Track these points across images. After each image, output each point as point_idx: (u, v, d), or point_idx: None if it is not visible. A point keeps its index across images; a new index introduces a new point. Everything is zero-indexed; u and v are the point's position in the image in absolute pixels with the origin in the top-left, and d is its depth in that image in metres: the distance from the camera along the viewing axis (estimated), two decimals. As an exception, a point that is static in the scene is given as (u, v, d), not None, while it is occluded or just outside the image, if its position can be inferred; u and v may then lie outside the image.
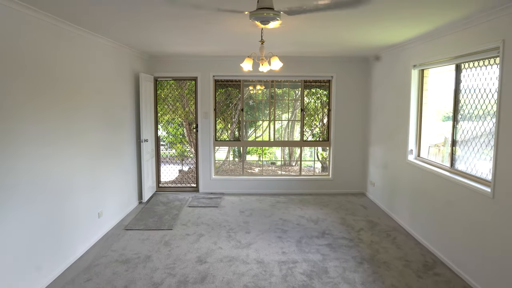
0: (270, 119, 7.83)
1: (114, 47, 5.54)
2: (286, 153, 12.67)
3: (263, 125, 11.75)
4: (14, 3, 3.20)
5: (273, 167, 11.80)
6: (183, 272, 4.10)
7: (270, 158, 12.83)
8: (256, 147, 12.82)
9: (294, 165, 11.96)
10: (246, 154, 12.92)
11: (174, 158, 11.89)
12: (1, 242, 3.16)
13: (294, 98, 8.89)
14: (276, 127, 12.05)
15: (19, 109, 3.37)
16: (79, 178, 4.51)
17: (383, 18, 3.81)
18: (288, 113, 10.71)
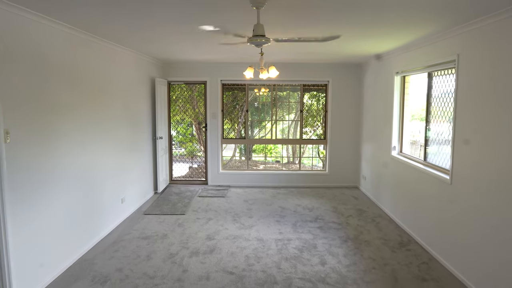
0: (272, 119, 8.60)
1: (134, 56, 6.37)
2: (290, 153, 13.43)
3: (267, 125, 12.51)
4: (53, 23, 4.03)
5: (277, 165, 12.57)
6: (195, 246, 4.90)
7: (276, 157, 13.57)
8: (261, 147, 13.59)
9: (296, 163, 12.75)
10: (252, 152, 13.73)
11: (184, 156, 12.70)
12: (50, 219, 3.98)
13: (297, 100, 9.65)
14: (282, 127, 12.84)
15: (61, 112, 4.19)
16: (106, 169, 5.33)
17: (355, 40, 4.57)
18: (291, 114, 11.49)
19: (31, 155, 3.60)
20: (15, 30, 3.36)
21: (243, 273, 4.17)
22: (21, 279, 3.47)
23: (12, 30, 3.33)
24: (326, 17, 3.65)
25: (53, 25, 3.90)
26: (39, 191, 3.75)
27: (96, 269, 4.23)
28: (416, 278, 4.08)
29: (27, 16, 3.48)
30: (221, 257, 4.59)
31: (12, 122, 3.33)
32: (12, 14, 3.31)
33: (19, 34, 3.42)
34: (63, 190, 4.20)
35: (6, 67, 3.24)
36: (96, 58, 4.97)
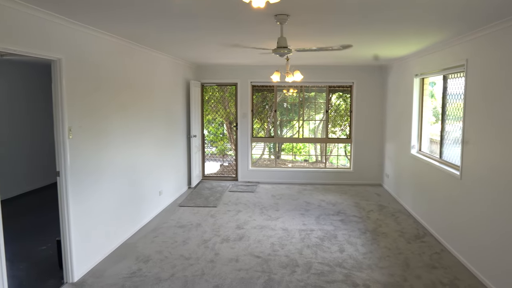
0: (299, 119, 9.03)
1: (171, 61, 6.97)
2: (319, 152, 13.79)
3: (297, 125, 12.91)
4: (103, 34, 4.64)
5: (305, 164, 12.96)
6: (225, 234, 5.43)
7: (305, 155, 13.94)
8: (291, 146, 14.00)
9: (324, 162, 13.10)
10: (281, 151, 14.18)
11: (214, 155, 13.30)
12: (101, 204, 4.59)
13: (325, 100, 10.04)
14: (311, 127, 13.22)
15: (110, 112, 4.81)
16: (147, 163, 5.94)
17: (374, 46, 4.96)
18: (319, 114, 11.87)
19: (87, 148, 4.22)
20: (72, 43, 3.97)
21: (268, 257, 4.66)
22: (79, 254, 4.09)
23: (70, 43, 3.94)
24: (344, 29, 4.08)
25: (104, 37, 4.52)
26: (93, 178, 4.37)
27: (139, 250, 4.82)
28: (427, 266, 4.44)
29: (82, 30, 4.09)
30: (249, 243, 5.09)
31: (73, 121, 3.94)
32: (70, 29, 3.92)
33: (77, 46, 4.04)
34: (112, 180, 4.81)
35: (68, 74, 3.85)
36: (138, 64, 5.58)
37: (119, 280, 4.05)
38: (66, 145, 3.83)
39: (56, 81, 3.73)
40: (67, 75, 3.81)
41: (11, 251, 4.82)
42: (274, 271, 4.28)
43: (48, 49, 3.57)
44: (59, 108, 3.76)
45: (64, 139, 3.80)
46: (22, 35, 3.24)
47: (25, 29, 3.26)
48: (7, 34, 3.09)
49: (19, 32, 3.20)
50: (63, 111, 3.77)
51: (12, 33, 3.12)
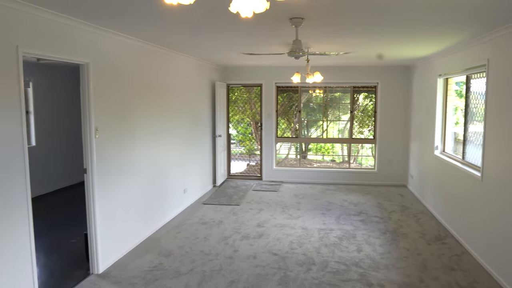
0: (323, 119, 9.06)
1: (196, 62, 7.17)
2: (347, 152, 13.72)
3: (323, 125, 12.89)
4: (128, 38, 4.87)
5: (331, 164, 12.93)
6: (246, 231, 5.56)
7: (332, 155, 13.88)
8: (319, 146, 13.99)
9: (351, 162, 13.03)
10: (308, 151, 14.19)
11: (242, 154, 13.49)
12: (125, 200, 4.82)
13: (352, 100, 10.02)
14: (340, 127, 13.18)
15: (135, 112, 5.03)
16: (172, 162, 6.15)
17: (395, 47, 4.95)
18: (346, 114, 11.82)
19: (112, 147, 4.45)
20: (99, 47, 4.21)
21: (286, 255, 4.75)
22: (104, 248, 4.32)
23: (97, 47, 4.17)
24: (361, 30, 4.13)
25: (129, 41, 4.74)
26: (118, 176, 4.60)
27: (161, 245, 5.03)
28: (445, 268, 4.41)
29: (109, 35, 4.32)
30: (268, 241, 5.20)
31: (100, 121, 4.18)
32: (96, 34, 4.15)
33: (103, 50, 4.27)
34: (136, 177, 5.03)
35: (95, 77, 4.08)
36: (163, 66, 5.79)
37: (141, 273, 4.25)
38: (93, 144, 4.06)
39: (84, 83, 3.97)
40: (94, 78, 4.04)
41: (44, 243, 5.14)
42: (290, 268, 4.38)
43: (77, 54, 3.81)
44: (86, 109, 3.99)
45: (91, 138, 4.04)
46: (56, 42, 3.49)
47: (58, 37, 3.50)
48: (44, 42, 3.34)
49: (53, 40, 3.44)
50: (90, 112, 4.00)
51: (48, 41, 3.37)
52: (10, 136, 3.05)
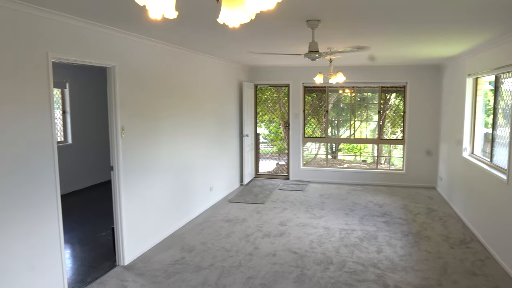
0: (350, 119, 9.01)
1: (224, 63, 7.33)
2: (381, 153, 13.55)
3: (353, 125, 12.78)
4: (153, 41, 5.07)
5: (362, 164, 12.79)
6: (267, 230, 5.66)
7: (365, 157, 13.74)
8: (351, 146, 13.88)
9: (382, 163, 12.85)
10: (338, 151, 14.11)
11: (273, 154, 13.60)
12: (152, 197, 5.04)
13: (380, 101, 9.90)
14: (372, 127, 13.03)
15: (161, 111, 5.24)
16: (197, 160, 6.34)
17: (421, 46, 4.89)
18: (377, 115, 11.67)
19: (138, 146, 4.67)
20: (124, 50, 4.43)
21: (305, 253, 4.82)
22: (130, 242, 4.55)
23: (123, 51, 4.39)
24: (380, 30, 4.13)
25: (154, 44, 4.95)
26: (144, 173, 4.82)
27: (185, 241, 5.21)
28: (467, 272, 4.33)
29: (133, 39, 4.54)
30: (289, 240, 5.27)
31: (126, 121, 4.40)
32: (123, 39, 4.37)
33: (128, 53, 4.49)
34: (161, 175, 5.25)
35: (121, 79, 4.31)
36: (188, 68, 5.98)
37: (164, 266, 4.45)
38: (119, 142, 4.29)
39: (111, 85, 4.20)
40: (120, 80, 4.26)
41: (78, 236, 5.46)
42: (307, 266, 4.44)
43: (103, 58, 4.03)
44: (113, 109, 4.22)
45: (117, 138, 4.27)
46: (83, 47, 3.72)
47: (85, 42, 3.74)
48: (73, 47, 3.58)
49: (81, 45, 3.68)
50: (116, 112, 4.23)
51: (76, 47, 3.61)
52: (41, 134, 3.30)
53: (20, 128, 3.10)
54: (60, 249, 3.55)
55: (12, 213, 3.05)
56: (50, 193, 3.42)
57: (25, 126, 3.14)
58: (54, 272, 3.51)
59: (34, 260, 3.28)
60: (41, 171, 3.31)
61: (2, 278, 2.98)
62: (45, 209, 3.38)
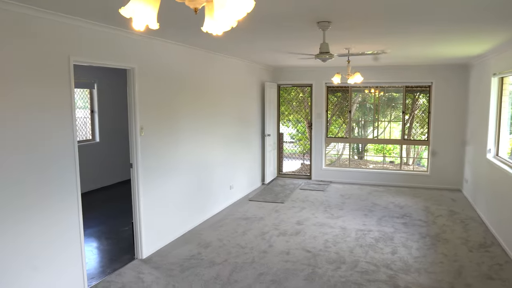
0: (374, 119, 8.92)
1: (246, 64, 7.45)
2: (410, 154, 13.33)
3: (382, 125, 12.61)
4: (172, 44, 5.23)
5: (388, 165, 12.62)
6: (284, 228, 5.73)
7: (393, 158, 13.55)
8: (380, 147, 13.73)
9: (410, 164, 12.62)
10: (365, 152, 13.96)
11: (299, 153, 13.62)
12: (170, 195, 5.21)
13: (408, 101, 9.78)
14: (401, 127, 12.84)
15: (181, 111, 5.41)
16: (217, 159, 6.48)
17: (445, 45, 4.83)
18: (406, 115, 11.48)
19: (157, 144, 4.85)
20: (144, 52, 4.61)
21: (318, 252, 4.86)
22: (148, 236, 4.74)
23: (142, 53, 4.58)
24: (391, 30, 4.13)
25: (173, 46, 5.12)
26: (162, 171, 5.00)
27: (202, 237, 5.36)
28: (482, 276, 4.25)
29: (152, 42, 4.72)
30: (304, 238, 5.33)
31: (145, 120, 4.58)
32: (142, 42, 4.56)
33: (147, 55, 4.67)
34: (180, 173, 5.41)
35: (141, 80, 4.49)
36: (210, 68, 6.13)
37: (180, 260, 4.61)
38: (138, 141, 4.48)
39: (130, 86, 4.40)
40: (139, 81, 4.45)
41: (101, 230, 5.73)
42: (319, 265, 4.49)
43: (123, 61, 4.23)
44: (132, 109, 4.41)
45: (136, 136, 4.46)
46: (103, 50, 3.93)
47: (105, 46, 3.94)
48: (93, 51, 3.79)
49: (101, 48, 3.89)
50: (135, 112, 4.42)
51: (96, 50, 3.82)
52: (63, 134, 3.51)
53: (44, 127, 3.31)
54: (80, 240, 3.77)
55: (37, 206, 3.27)
56: (71, 189, 3.63)
57: (49, 125, 3.36)
58: (74, 262, 3.72)
59: (56, 249, 3.49)
60: (63, 168, 3.52)
61: (27, 264, 3.20)
62: (67, 204, 3.59)
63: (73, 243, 3.69)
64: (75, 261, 3.73)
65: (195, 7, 1.34)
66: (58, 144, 3.47)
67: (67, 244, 3.63)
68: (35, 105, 3.23)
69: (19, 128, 3.11)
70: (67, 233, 3.61)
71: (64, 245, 3.59)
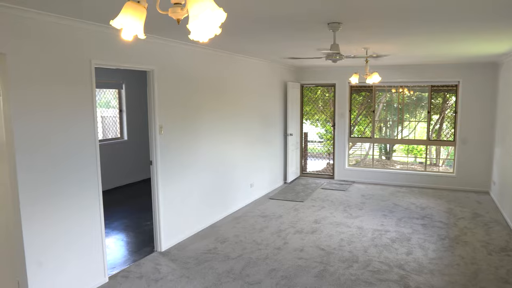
0: (398, 120, 8.81)
1: (267, 64, 7.55)
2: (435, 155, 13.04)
3: (411, 125, 12.38)
4: (194, 46, 5.40)
5: (416, 166, 12.38)
6: (301, 226, 5.80)
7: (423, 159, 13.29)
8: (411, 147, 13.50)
9: (440, 165, 12.34)
10: (392, 152, 13.75)
11: (325, 153, 13.60)
12: (190, 191, 5.40)
13: (443, 99, 9.60)
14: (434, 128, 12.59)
15: (200, 111, 5.58)
16: (238, 157, 6.62)
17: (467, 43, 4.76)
18: (435, 114, 11.25)
19: (176, 143, 5.04)
20: (163, 54, 4.80)
21: (332, 251, 4.91)
22: (167, 231, 4.93)
23: (161, 55, 4.77)
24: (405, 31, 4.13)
25: (192, 48, 5.30)
26: (181, 168, 5.18)
27: (220, 233, 5.52)
28: (499, 280, 4.17)
29: (172, 45, 4.90)
30: (319, 237, 5.38)
31: (165, 120, 4.78)
32: (161, 44, 4.75)
33: (167, 57, 4.86)
34: (198, 171, 5.59)
35: (161, 81, 4.69)
36: (230, 69, 6.28)
37: (196, 254, 4.78)
38: (157, 139, 4.68)
39: (150, 87, 4.60)
40: (158, 82, 4.65)
41: (125, 224, 6.00)
42: (331, 263, 4.54)
43: (143, 63, 4.44)
44: (152, 109, 4.62)
45: (155, 135, 4.66)
46: (124, 54, 4.14)
47: (125, 49, 4.15)
48: (114, 54, 4.01)
49: (121, 52, 4.10)
50: (155, 112, 4.62)
51: (116, 53, 4.04)
52: (85, 132, 3.74)
53: (67, 126, 3.55)
54: (101, 232, 3.99)
55: (63, 199, 3.52)
56: (93, 185, 3.86)
57: (72, 125, 3.59)
58: (95, 252, 3.95)
59: (79, 240, 3.73)
60: (85, 165, 3.75)
61: (53, 252, 3.45)
62: (89, 198, 3.82)
63: (94, 233, 3.92)
64: (96, 250, 3.96)
65: (177, 18, 1.46)
66: (81, 141, 3.69)
67: (89, 234, 3.85)
68: (60, 104, 3.47)
69: (49, 123, 3.36)
70: (89, 223, 3.84)
71: (86, 234, 3.82)
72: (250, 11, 3.26)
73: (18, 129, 3.15)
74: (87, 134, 3.76)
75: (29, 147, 3.24)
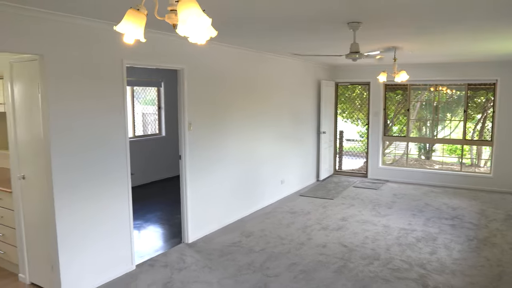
0: (433, 119, 8.63)
1: (301, 63, 7.66)
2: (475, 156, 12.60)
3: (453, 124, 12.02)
4: (224, 45, 5.61)
5: (455, 166, 12.00)
6: (327, 223, 5.89)
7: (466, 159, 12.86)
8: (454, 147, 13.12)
9: (482, 166, 11.90)
10: (432, 152, 13.39)
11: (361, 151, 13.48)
12: (218, 186, 5.63)
13: (485, 98, 9.29)
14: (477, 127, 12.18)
15: (230, 108, 5.79)
16: (268, 154, 6.79)
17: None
18: (478, 114, 10.87)
19: (205, 139, 5.29)
20: (193, 54, 5.04)
21: (355, 248, 4.97)
22: (194, 223, 5.20)
23: (191, 54, 5.01)
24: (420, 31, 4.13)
25: (222, 47, 5.51)
26: (209, 163, 5.43)
27: (246, 227, 5.72)
28: (524, 282, 4.10)
29: (201, 44, 5.14)
30: (344, 234, 5.45)
31: (194, 117, 5.03)
32: (190, 44, 5.00)
33: (197, 56, 5.10)
34: (228, 167, 5.81)
35: (190, 79, 4.94)
36: (261, 67, 6.45)
37: (221, 246, 5.00)
38: (186, 135, 4.94)
39: (180, 85, 4.87)
40: (188, 80, 4.90)
41: (158, 216, 6.35)
42: (352, 260, 4.61)
43: (173, 62, 4.71)
44: (181, 106, 4.89)
45: (185, 131, 4.93)
46: (154, 53, 4.42)
47: (156, 49, 4.42)
48: (145, 54, 4.29)
49: (152, 52, 4.38)
50: (184, 109, 4.89)
51: (147, 53, 4.32)
52: (116, 127, 4.05)
53: (99, 120, 3.87)
54: (129, 222, 4.30)
55: (95, 192, 3.85)
56: (122, 175, 4.17)
57: (103, 120, 3.91)
58: (124, 241, 4.26)
59: (108, 228, 4.05)
60: (115, 156, 4.07)
61: (84, 240, 3.79)
62: (119, 187, 4.14)
63: (123, 223, 4.23)
64: (125, 240, 4.27)
65: (173, 23, 1.65)
66: (112, 136, 4.01)
67: (118, 224, 4.18)
68: (92, 101, 3.79)
69: (82, 119, 3.69)
70: (118, 214, 4.16)
71: (116, 224, 4.14)
72: (277, 11, 3.39)
73: (54, 125, 3.48)
74: (118, 128, 4.07)
75: (63, 140, 3.58)
